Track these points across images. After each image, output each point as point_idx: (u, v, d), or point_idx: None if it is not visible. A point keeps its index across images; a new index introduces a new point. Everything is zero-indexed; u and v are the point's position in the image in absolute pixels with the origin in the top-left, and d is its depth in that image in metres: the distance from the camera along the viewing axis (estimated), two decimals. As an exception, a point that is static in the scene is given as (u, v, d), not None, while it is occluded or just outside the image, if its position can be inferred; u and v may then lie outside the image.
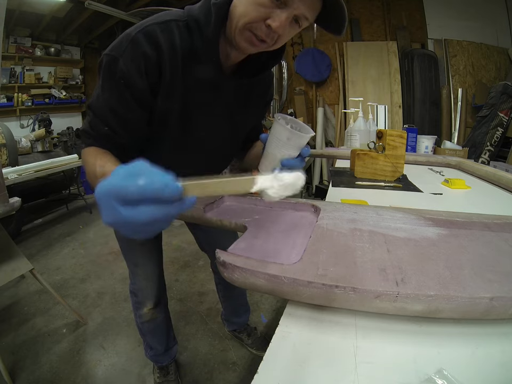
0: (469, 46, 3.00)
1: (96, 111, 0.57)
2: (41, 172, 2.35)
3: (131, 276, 0.95)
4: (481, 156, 2.57)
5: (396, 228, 0.49)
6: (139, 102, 0.56)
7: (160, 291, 0.97)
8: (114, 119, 0.56)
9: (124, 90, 0.54)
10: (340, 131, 3.32)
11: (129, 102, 0.55)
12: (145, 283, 0.94)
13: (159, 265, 0.96)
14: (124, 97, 0.55)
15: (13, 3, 3.16)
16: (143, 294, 0.95)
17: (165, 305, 1.03)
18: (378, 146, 1.03)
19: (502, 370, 0.29)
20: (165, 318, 1.05)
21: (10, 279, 1.25)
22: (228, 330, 1.39)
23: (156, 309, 0.97)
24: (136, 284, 0.94)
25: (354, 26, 3.39)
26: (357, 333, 0.34)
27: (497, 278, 0.35)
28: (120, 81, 0.53)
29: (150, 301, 0.95)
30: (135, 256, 0.91)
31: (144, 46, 0.52)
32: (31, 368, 1.22)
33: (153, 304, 0.96)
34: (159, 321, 1.01)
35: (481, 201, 0.85)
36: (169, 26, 0.54)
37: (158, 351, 1.09)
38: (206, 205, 0.58)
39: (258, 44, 0.52)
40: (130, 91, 0.54)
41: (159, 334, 1.06)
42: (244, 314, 1.33)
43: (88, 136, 0.58)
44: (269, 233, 0.50)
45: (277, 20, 0.49)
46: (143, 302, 0.95)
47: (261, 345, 1.30)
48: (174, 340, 1.15)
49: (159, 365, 1.14)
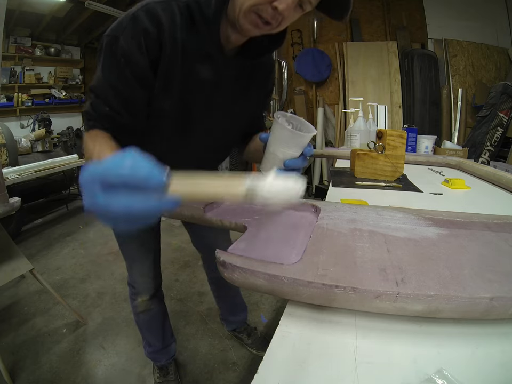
0: (469, 46, 3.00)
1: (97, 92, 0.57)
2: (41, 172, 2.35)
3: (128, 270, 0.97)
4: (481, 156, 2.57)
5: (396, 228, 0.49)
6: (139, 81, 0.56)
7: (156, 285, 1.00)
8: (115, 98, 0.56)
9: (124, 68, 0.54)
10: (340, 131, 3.32)
11: (129, 80, 0.55)
12: (141, 279, 0.96)
13: (156, 262, 0.98)
14: (124, 75, 0.55)
15: (13, 3, 3.16)
16: (139, 286, 0.97)
17: (160, 298, 1.04)
18: (378, 146, 1.03)
19: (502, 370, 0.29)
20: (161, 311, 1.06)
21: (10, 279, 1.25)
22: (227, 330, 1.39)
23: (150, 301, 0.99)
24: (133, 277, 0.97)
25: (354, 26, 3.39)
26: (357, 333, 0.34)
27: (497, 278, 0.35)
28: (121, 59, 0.54)
29: (145, 293, 0.98)
30: (132, 252, 0.93)
31: (145, 23, 0.52)
32: (31, 368, 1.22)
33: (148, 296, 0.98)
34: (153, 313, 1.02)
35: (481, 201, 0.85)
36: (170, 5, 0.55)
37: (156, 347, 1.09)
38: (206, 205, 0.58)
39: (263, 26, 0.52)
40: (131, 69, 0.54)
41: (155, 328, 1.07)
42: (241, 313, 1.33)
43: (89, 118, 0.58)
44: (269, 233, 0.50)
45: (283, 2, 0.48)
46: (138, 293, 0.98)
47: (261, 345, 1.30)
48: (172, 337, 1.15)
49: (158, 364, 1.14)
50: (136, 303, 0.99)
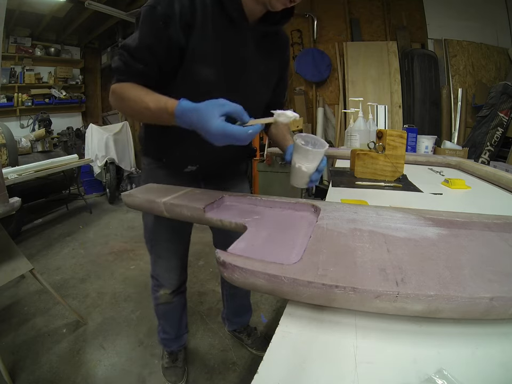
0: (469, 46, 3.00)
1: (131, 50, 0.63)
2: (41, 172, 2.35)
3: (153, 264, 0.98)
4: (481, 156, 2.57)
5: (396, 228, 0.49)
6: (174, 42, 0.63)
7: (180, 281, 1.01)
8: (150, 56, 0.63)
9: (161, 29, 0.61)
10: (340, 131, 3.32)
11: (165, 41, 0.62)
12: (167, 274, 0.97)
13: (183, 258, 1.00)
14: (160, 36, 0.62)
15: (13, 3, 3.16)
16: (163, 280, 0.98)
17: (182, 292, 1.06)
18: (378, 146, 1.03)
19: (502, 370, 0.29)
20: (180, 305, 1.08)
21: (10, 279, 1.25)
22: (228, 330, 1.39)
23: (172, 294, 1.00)
24: (156, 271, 0.98)
25: (354, 26, 3.39)
26: (357, 333, 0.34)
27: (497, 278, 0.35)
28: (158, 22, 0.61)
29: (169, 288, 0.99)
30: (160, 248, 0.94)
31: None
32: (31, 368, 1.22)
33: (171, 290, 0.99)
34: (173, 306, 1.04)
35: (481, 201, 0.85)
36: None
37: (170, 335, 1.12)
38: (206, 205, 0.58)
39: (289, 3, 0.62)
40: (168, 31, 0.61)
41: (172, 319, 1.09)
42: (245, 315, 1.33)
43: (121, 73, 0.64)
44: (269, 233, 0.50)
45: None
46: (161, 285, 0.99)
47: (261, 345, 1.30)
48: (186, 328, 1.17)
49: (168, 350, 1.17)
50: (158, 295, 1.00)
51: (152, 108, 0.58)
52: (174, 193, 0.67)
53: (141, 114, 0.63)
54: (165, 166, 0.85)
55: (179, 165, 0.83)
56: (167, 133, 0.75)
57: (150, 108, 0.58)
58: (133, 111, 0.64)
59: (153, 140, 0.83)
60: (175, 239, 0.94)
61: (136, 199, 0.67)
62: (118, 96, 0.64)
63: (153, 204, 0.64)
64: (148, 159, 0.89)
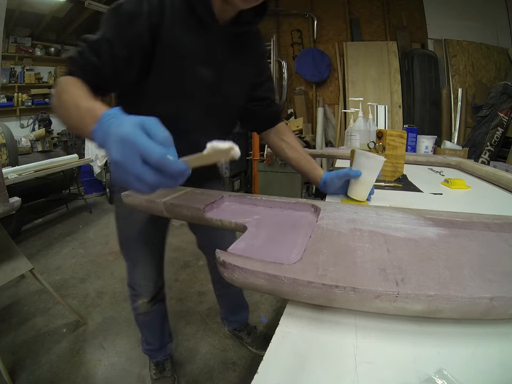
0: (469, 46, 3.00)
1: (90, 42, 0.58)
2: (41, 172, 2.35)
3: (129, 272, 0.95)
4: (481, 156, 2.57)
5: (396, 228, 0.49)
6: (137, 42, 0.59)
7: (158, 288, 0.98)
8: (107, 51, 0.58)
9: (125, 26, 0.58)
10: (340, 131, 3.32)
11: (127, 39, 0.58)
12: (144, 282, 0.94)
13: (160, 263, 0.97)
14: (122, 33, 0.58)
15: (13, 3, 3.16)
16: (140, 288, 0.95)
17: (161, 300, 1.03)
18: (378, 146, 1.03)
19: (502, 370, 0.29)
20: (160, 314, 1.05)
21: (10, 278, 1.25)
22: (228, 329, 1.39)
23: (151, 303, 0.97)
24: (134, 279, 0.95)
25: (354, 26, 3.39)
26: (357, 333, 0.34)
27: (497, 278, 0.35)
28: (123, 19, 0.58)
29: (146, 296, 0.96)
30: (135, 254, 0.91)
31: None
32: (31, 368, 1.22)
33: (149, 299, 0.96)
34: (153, 316, 1.01)
35: (481, 201, 0.85)
36: None
37: (154, 346, 1.10)
38: (206, 205, 0.58)
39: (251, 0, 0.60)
40: (131, 29, 0.58)
41: (153, 328, 1.06)
42: (242, 312, 1.33)
43: (73, 63, 0.58)
44: (269, 233, 0.50)
45: None
46: (139, 294, 0.96)
47: (261, 344, 1.30)
48: (170, 337, 1.15)
49: (154, 361, 1.14)
50: (137, 305, 0.97)
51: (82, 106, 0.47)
52: (174, 193, 0.67)
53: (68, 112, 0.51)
54: None
55: None
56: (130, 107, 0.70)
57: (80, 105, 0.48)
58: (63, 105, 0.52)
59: None
60: (150, 243, 0.91)
61: (136, 199, 0.67)
62: (60, 88, 0.54)
63: (153, 204, 0.63)
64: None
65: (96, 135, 0.41)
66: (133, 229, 0.88)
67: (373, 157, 0.72)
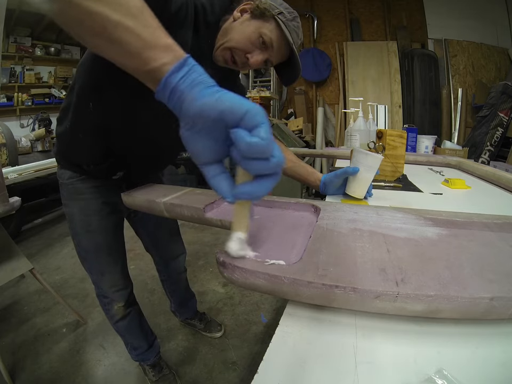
0: (469, 46, 3.00)
1: None
2: (41, 172, 2.35)
3: (97, 283, 0.94)
4: (481, 156, 2.58)
5: (396, 228, 0.49)
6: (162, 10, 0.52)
7: (128, 290, 0.98)
8: None
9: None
10: (340, 131, 3.32)
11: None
12: (115, 288, 0.94)
13: (125, 266, 0.97)
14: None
15: (13, 3, 3.16)
16: (113, 294, 0.95)
17: (133, 300, 1.03)
18: (378, 146, 1.03)
19: (502, 370, 0.29)
20: (137, 314, 1.05)
21: (10, 278, 1.25)
22: (179, 320, 1.44)
23: (126, 305, 0.98)
24: (104, 289, 0.94)
25: (354, 26, 3.39)
26: (357, 333, 0.34)
27: (497, 278, 0.35)
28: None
29: (121, 299, 0.96)
30: (101, 266, 0.91)
31: None
32: (31, 368, 1.22)
33: (124, 302, 0.97)
34: (131, 317, 1.01)
35: (481, 201, 0.85)
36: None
37: (142, 348, 1.09)
38: (206, 205, 0.58)
39: (231, 64, 0.65)
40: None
41: (135, 330, 1.06)
42: (190, 303, 1.39)
43: None
44: (269, 233, 0.50)
45: (255, 57, 0.63)
46: (113, 300, 0.95)
47: (214, 327, 1.39)
48: (153, 334, 1.15)
49: (148, 363, 1.14)
50: (113, 311, 0.96)
51: (155, 26, 0.34)
52: (173, 193, 0.67)
53: (115, 29, 0.32)
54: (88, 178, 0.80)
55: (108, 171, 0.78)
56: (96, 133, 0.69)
57: (151, 23, 0.33)
58: (103, 19, 0.32)
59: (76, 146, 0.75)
60: (114, 253, 0.91)
61: (136, 199, 0.67)
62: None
63: (153, 204, 0.64)
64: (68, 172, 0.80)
65: (162, 88, 0.32)
66: (92, 243, 0.87)
67: (370, 154, 0.72)
